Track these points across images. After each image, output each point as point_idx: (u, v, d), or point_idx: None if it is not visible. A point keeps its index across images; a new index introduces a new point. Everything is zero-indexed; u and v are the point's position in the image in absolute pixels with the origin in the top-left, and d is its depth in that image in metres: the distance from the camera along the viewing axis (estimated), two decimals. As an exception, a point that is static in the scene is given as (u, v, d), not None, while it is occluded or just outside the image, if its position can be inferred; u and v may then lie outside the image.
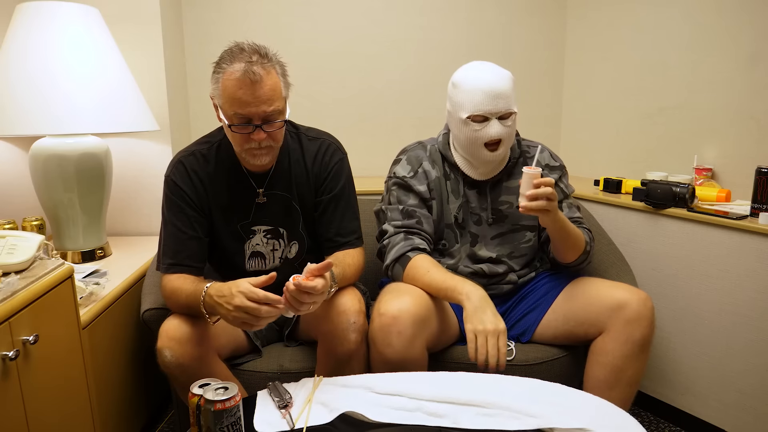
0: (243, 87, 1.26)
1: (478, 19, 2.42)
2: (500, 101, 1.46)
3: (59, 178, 1.74)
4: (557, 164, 1.65)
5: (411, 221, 1.55)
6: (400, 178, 1.59)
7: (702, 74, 1.97)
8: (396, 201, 1.58)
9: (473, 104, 1.46)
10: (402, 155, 1.64)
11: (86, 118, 1.67)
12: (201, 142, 1.49)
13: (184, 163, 1.44)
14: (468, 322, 1.33)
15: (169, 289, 1.36)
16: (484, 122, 1.47)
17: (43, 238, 1.28)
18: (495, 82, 1.46)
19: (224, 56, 1.31)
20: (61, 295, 1.24)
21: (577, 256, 1.54)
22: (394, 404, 1.15)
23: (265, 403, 1.18)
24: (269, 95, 1.29)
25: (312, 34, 2.38)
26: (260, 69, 1.27)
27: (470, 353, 1.32)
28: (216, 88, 1.31)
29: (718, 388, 1.74)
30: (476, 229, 1.60)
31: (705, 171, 1.94)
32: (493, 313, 1.33)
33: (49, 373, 1.20)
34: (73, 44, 1.69)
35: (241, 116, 1.29)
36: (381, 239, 1.58)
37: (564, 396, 1.19)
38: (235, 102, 1.28)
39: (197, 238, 1.41)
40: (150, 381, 1.82)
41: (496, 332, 1.30)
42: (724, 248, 1.68)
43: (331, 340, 1.35)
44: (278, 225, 1.49)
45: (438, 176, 1.59)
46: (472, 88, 1.46)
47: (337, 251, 1.46)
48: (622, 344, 1.40)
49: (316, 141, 1.50)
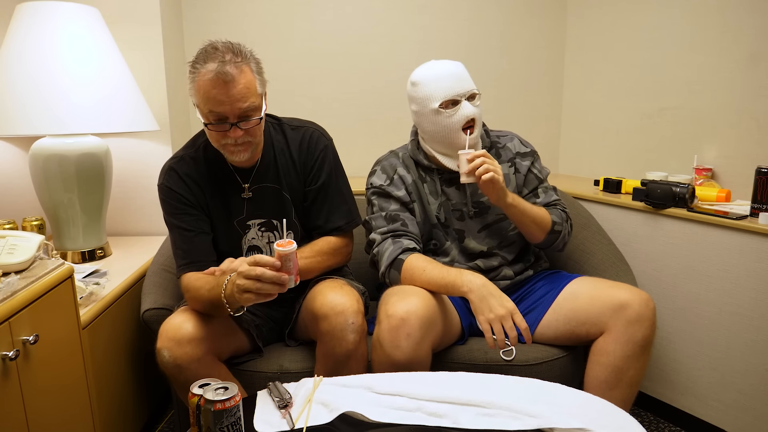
0: (216, 87, 1.28)
1: (477, 18, 2.42)
2: (464, 82, 1.52)
3: (59, 178, 1.74)
4: (528, 150, 1.68)
5: (396, 224, 1.56)
6: (377, 187, 1.61)
7: (702, 74, 1.97)
8: (378, 209, 1.59)
9: (442, 90, 1.51)
10: (376, 166, 1.66)
11: (86, 118, 1.67)
12: (187, 146, 1.51)
13: (176, 169, 1.45)
14: (478, 313, 1.36)
15: (190, 289, 1.37)
16: (455, 106, 1.51)
17: (43, 238, 1.28)
18: (453, 68, 1.53)
19: (198, 56, 1.32)
20: (61, 295, 1.24)
21: (544, 235, 1.59)
22: (394, 404, 1.15)
23: (265, 403, 1.18)
24: (243, 93, 1.30)
25: (312, 33, 2.38)
26: (233, 68, 1.28)
27: (489, 342, 1.35)
28: (191, 88, 1.33)
29: (719, 388, 1.74)
30: (460, 225, 1.62)
31: (705, 171, 1.94)
32: (498, 296, 1.37)
33: (49, 373, 1.20)
34: (73, 44, 1.69)
35: (217, 114, 1.31)
36: (370, 249, 1.58)
37: (564, 396, 1.19)
38: (210, 101, 1.30)
39: (204, 233, 1.43)
40: (150, 381, 1.82)
41: (508, 314, 1.34)
42: (724, 248, 1.68)
43: (329, 341, 1.35)
44: (271, 217, 1.50)
45: (414, 179, 1.61)
46: (436, 78, 1.52)
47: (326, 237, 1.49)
48: (623, 345, 1.40)
49: (299, 130, 1.52)
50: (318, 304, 1.37)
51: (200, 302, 1.34)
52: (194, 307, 1.37)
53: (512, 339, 1.34)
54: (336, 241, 1.51)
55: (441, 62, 1.55)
